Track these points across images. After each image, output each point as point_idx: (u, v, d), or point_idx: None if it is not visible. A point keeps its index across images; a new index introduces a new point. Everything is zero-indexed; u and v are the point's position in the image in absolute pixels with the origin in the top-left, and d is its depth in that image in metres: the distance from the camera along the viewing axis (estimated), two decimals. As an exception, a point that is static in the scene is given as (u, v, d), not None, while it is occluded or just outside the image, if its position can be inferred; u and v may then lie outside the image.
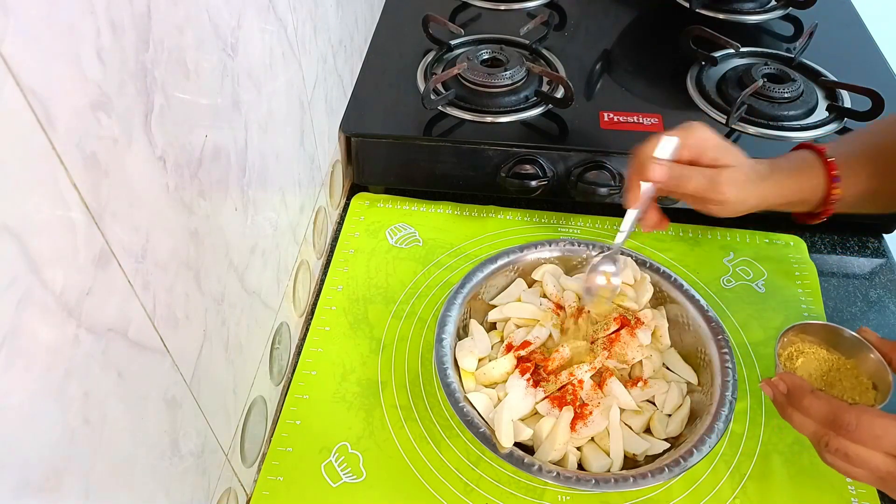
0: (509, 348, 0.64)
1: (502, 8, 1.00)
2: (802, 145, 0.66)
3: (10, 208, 0.29)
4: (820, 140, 0.80)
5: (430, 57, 0.89)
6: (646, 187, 0.60)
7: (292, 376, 0.69)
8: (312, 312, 0.74)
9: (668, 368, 0.65)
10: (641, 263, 0.70)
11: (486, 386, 0.63)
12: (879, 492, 0.60)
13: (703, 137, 0.61)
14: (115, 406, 0.38)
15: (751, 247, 0.80)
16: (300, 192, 0.69)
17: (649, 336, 0.64)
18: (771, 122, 0.81)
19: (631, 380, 0.63)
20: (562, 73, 0.87)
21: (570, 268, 0.72)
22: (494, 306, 0.70)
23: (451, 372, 0.61)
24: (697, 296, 0.66)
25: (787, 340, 0.59)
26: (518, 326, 0.67)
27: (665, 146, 0.60)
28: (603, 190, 0.78)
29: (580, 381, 0.61)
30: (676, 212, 0.82)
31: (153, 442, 0.43)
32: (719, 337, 0.63)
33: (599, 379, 0.62)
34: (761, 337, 0.72)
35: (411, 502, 0.60)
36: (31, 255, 0.30)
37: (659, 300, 0.69)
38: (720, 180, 0.59)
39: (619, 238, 0.64)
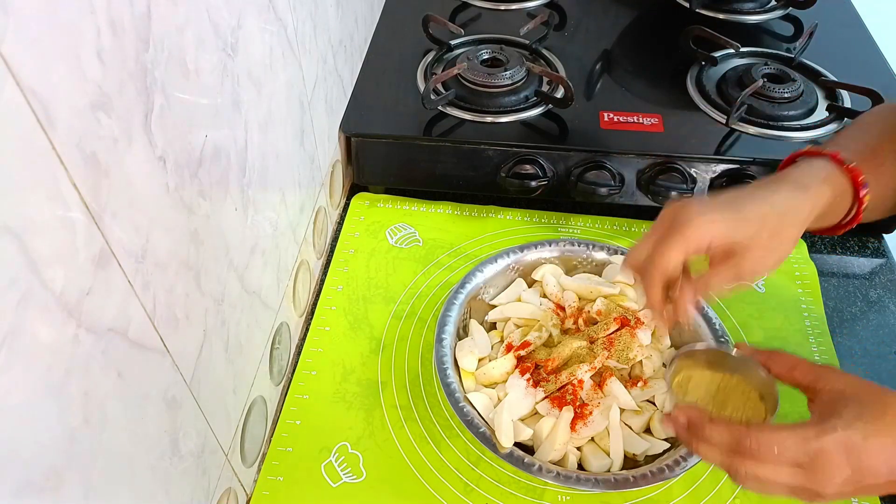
0: (509, 348, 0.64)
1: (502, 8, 0.99)
2: (801, 153, 0.59)
3: (10, 208, 0.29)
4: (821, 140, 0.80)
5: (430, 57, 0.89)
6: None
7: (292, 376, 0.69)
8: (312, 312, 0.74)
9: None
10: (641, 263, 0.69)
11: (486, 386, 0.63)
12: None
13: (706, 236, 0.53)
14: (115, 406, 0.38)
15: (751, 247, 0.80)
16: (300, 192, 0.69)
17: (649, 336, 0.64)
18: (771, 122, 0.81)
19: (631, 380, 0.63)
20: (562, 73, 0.87)
21: (570, 268, 0.72)
22: (494, 306, 0.70)
23: (451, 372, 0.61)
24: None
25: (676, 368, 0.57)
26: (518, 326, 0.67)
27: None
28: (603, 190, 0.78)
29: (580, 381, 0.61)
30: (676, 212, 0.83)
31: (153, 442, 0.43)
32: (719, 337, 0.63)
33: (599, 379, 0.62)
34: (761, 337, 0.72)
35: (411, 502, 0.60)
36: (31, 255, 0.30)
37: (659, 300, 0.69)
38: (743, 264, 0.52)
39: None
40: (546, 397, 0.61)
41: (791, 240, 0.54)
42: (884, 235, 0.83)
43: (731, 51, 0.90)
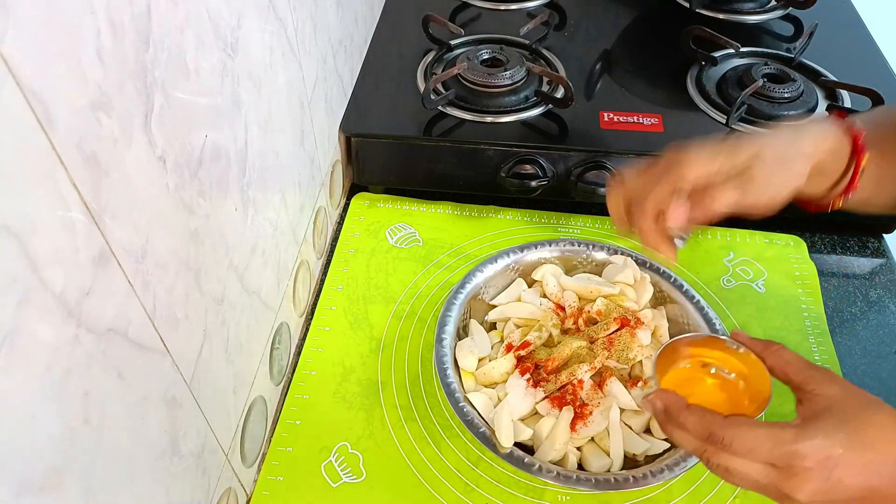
0: (509, 348, 0.64)
1: (502, 8, 0.99)
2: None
3: (10, 208, 0.29)
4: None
5: (430, 57, 0.89)
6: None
7: (292, 376, 0.69)
8: (312, 312, 0.74)
9: (668, 368, 0.65)
10: (641, 263, 0.70)
11: (486, 386, 0.63)
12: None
13: (694, 163, 0.54)
14: (115, 406, 0.38)
15: (751, 247, 0.80)
16: (300, 192, 0.69)
17: (649, 336, 0.64)
18: (771, 123, 0.81)
19: (631, 380, 0.63)
20: (562, 73, 0.87)
21: (570, 268, 0.72)
22: (494, 306, 0.70)
23: (451, 372, 0.61)
24: (697, 296, 0.67)
25: (663, 366, 0.56)
26: (518, 326, 0.67)
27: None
28: (603, 190, 0.78)
29: (580, 381, 0.61)
30: (676, 212, 0.83)
31: (153, 442, 0.43)
32: (715, 329, 0.63)
33: (599, 379, 0.62)
34: (761, 337, 0.71)
35: (411, 502, 0.60)
36: (31, 255, 0.30)
37: (659, 300, 0.69)
38: (751, 179, 0.52)
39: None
40: (546, 397, 0.61)
41: (797, 172, 0.52)
42: (884, 235, 0.83)
43: (731, 51, 0.90)
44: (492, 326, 0.69)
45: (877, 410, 0.45)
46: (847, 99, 0.84)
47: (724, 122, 0.81)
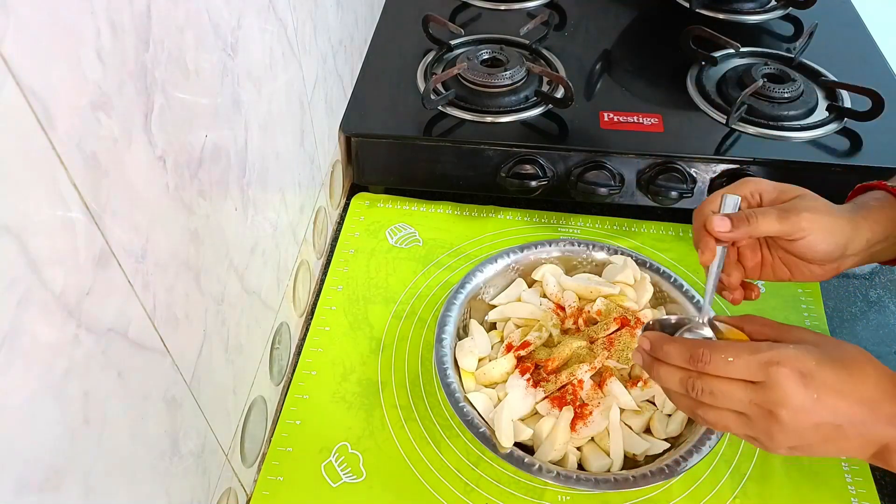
0: (509, 348, 0.64)
1: (502, 8, 1.00)
2: (861, 187, 0.60)
3: (10, 208, 0.29)
4: (821, 140, 0.80)
5: (430, 57, 0.89)
6: (719, 249, 0.55)
7: (292, 376, 0.69)
8: (312, 312, 0.74)
9: (668, 368, 0.65)
10: (641, 263, 0.70)
11: (486, 386, 0.63)
12: (879, 492, 0.61)
13: (757, 184, 0.56)
14: (115, 406, 0.38)
15: (751, 247, 0.80)
16: (300, 192, 0.69)
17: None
18: (771, 122, 0.81)
19: (631, 380, 0.63)
20: (562, 73, 0.87)
21: (570, 268, 0.72)
22: (494, 306, 0.70)
23: (451, 372, 0.61)
24: (698, 296, 0.67)
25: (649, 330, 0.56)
26: (518, 326, 0.67)
27: (726, 205, 0.55)
28: (603, 190, 0.78)
29: (580, 381, 0.61)
30: (675, 211, 0.83)
31: (153, 442, 0.43)
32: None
33: (599, 379, 0.62)
34: (761, 337, 0.72)
35: (411, 502, 0.60)
36: (31, 255, 0.30)
37: (659, 300, 0.69)
38: (795, 205, 0.53)
39: (706, 303, 0.56)
40: (546, 397, 0.61)
41: (844, 223, 0.54)
42: (884, 235, 0.83)
43: (731, 51, 0.90)
44: (492, 326, 0.69)
45: (854, 347, 0.48)
46: (847, 99, 0.84)
47: (724, 122, 0.81)
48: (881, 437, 0.45)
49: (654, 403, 0.63)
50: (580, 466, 0.59)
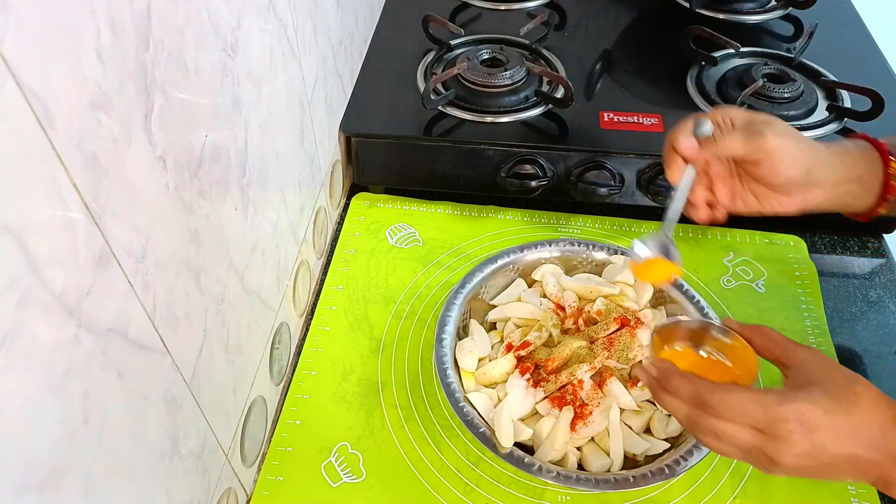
0: (509, 348, 0.64)
1: (502, 8, 0.99)
2: (848, 136, 0.63)
3: (10, 208, 0.29)
4: (821, 140, 0.80)
5: (430, 57, 0.89)
6: (688, 170, 0.58)
7: (292, 376, 0.69)
8: (312, 312, 0.74)
9: (668, 368, 0.65)
10: (641, 263, 0.70)
11: (486, 386, 0.63)
12: (879, 492, 0.61)
13: (729, 110, 0.59)
14: (115, 406, 0.38)
15: (751, 247, 0.80)
16: (300, 192, 0.69)
17: (649, 336, 0.64)
18: (771, 122, 0.81)
19: (631, 380, 0.63)
20: (562, 73, 0.87)
21: (570, 268, 0.72)
22: (494, 306, 0.70)
23: (451, 372, 0.61)
24: (697, 296, 0.67)
25: (657, 332, 0.58)
26: (518, 326, 0.67)
27: (699, 127, 0.57)
28: (603, 190, 0.78)
29: (580, 381, 0.61)
30: (676, 212, 0.83)
31: (153, 442, 0.43)
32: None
33: (599, 379, 0.62)
34: (761, 337, 0.72)
35: (411, 502, 0.60)
36: (31, 255, 0.30)
37: (659, 300, 0.69)
38: (760, 130, 0.55)
39: (669, 219, 0.59)
40: (546, 397, 0.61)
41: (811, 155, 0.56)
42: (884, 235, 0.83)
43: (731, 51, 0.90)
44: (492, 326, 0.69)
45: (858, 382, 0.47)
46: (847, 99, 0.84)
47: (724, 122, 0.81)
48: (885, 473, 0.46)
49: (654, 403, 0.63)
50: (580, 466, 0.59)
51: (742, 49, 0.89)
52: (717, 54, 0.89)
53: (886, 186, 0.59)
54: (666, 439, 0.60)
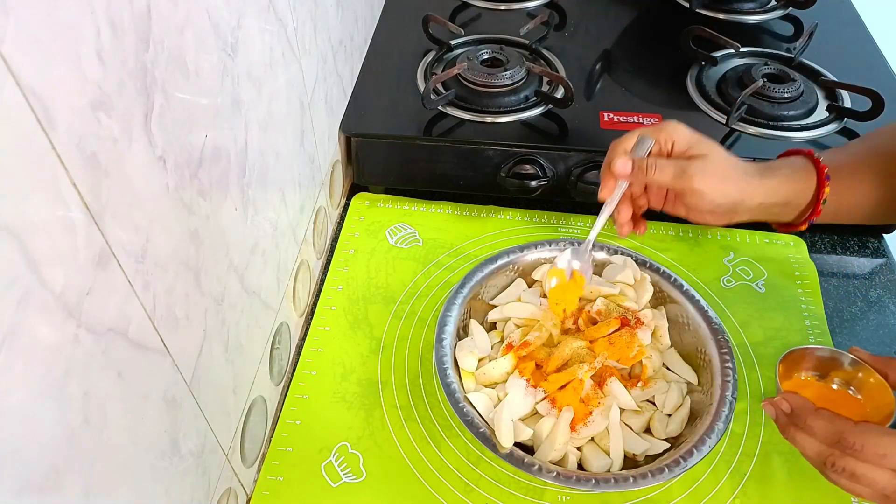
0: (509, 348, 0.64)
1: (502, 8, 1.00)
2: (791, 151, 0.66)
3: (10, 208, 0.29)
4: (820, 140, 0.80)
5: (430, 57, 0.89)
6: (619, 183, 0.61)
7: (292, 376, 0.69)
8: (312, 312, 0.74)
9: (668, 368, 0.65)
10: (641, 263, 0.70)
11: (486, 386, 0.63)
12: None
13: (674, 131, 0.61)
14: (115, 406, 0.38)
15: (751, 247, 0.80)
16: (300, 192, 0.69)
17: (649, 336, 0.64)
18: (771, 122, 0.81)
19: (631, 380, 0.63)
20: (562, 73, 0.87)
21: (570, 268, 0.72)
22: (494, 306, 0.70)
23: (451, 372, 0.61)
24: (697, 296, 0.67)
25: (785, 363, 0.58)
26: (518, 326, 0.67)
27: (639, 145, 0.61)
28: (603, 190, 0.78)
29: (580, 381, 0.60)
30: (676, 212, 0.83)
31: (153, 442, 0.43)
32: (719, 337, 0.63)
33: (599, 379, 0.62)
34: (761, 337, 0.72)
35: (411, 502, 0.60)
36: (31, 255, 0.30)
37: (659, 300, 0.69)
38: (690, 169, 0.59)
39: (592, 232, 0.65)
40: (546, 397, 0.61)
41: (738, 188, 0.60)
42: (884, 235, 0.83)
43: (731, 51, 0.90)
44: (492, 326, 0.69)
45: None
46: (847, 99, 0.84)
47: (724, 122, 0.81)
48: None
49: (654, 403, 0.63)
50: (580, 466, 0.59)
51: (742, 49, 0.89)
52: (717, 54, 0.89)
53: (814, 210, 0.62)
54: (666, 439, 0.60)
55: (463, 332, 0.67)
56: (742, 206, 0.61)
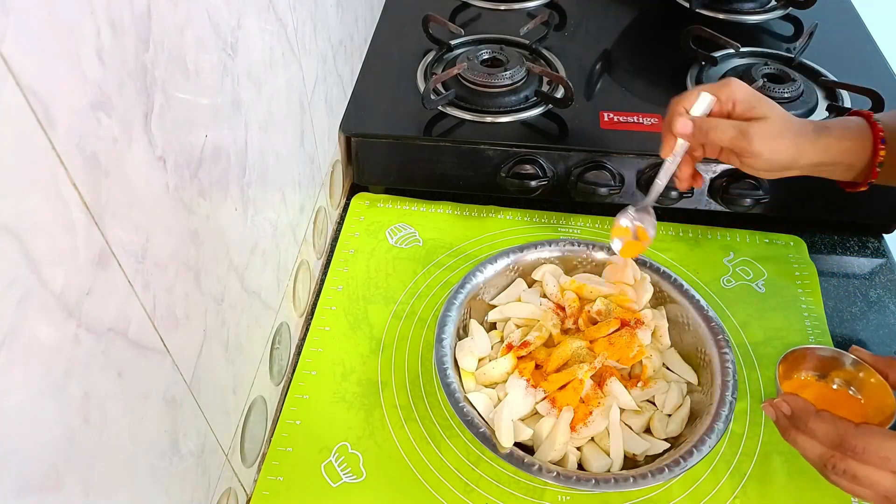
0: (509, 348, 0.64)
1: (502, 8, 0.99)
2: (853, 112, 0.64)
3: (10, 208, 0.29)
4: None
5: (430, 57, 0.89)
6: (680, 141, 0.61)
7: (292, 376, 0.69)
8: (312, 312, 0.74)
9: (668, 368, 0.65)
10: (641, 263, 0.70)
11: (486, 386, 0.63)
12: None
13: (735, 91, 0.61)
14: (115, 406, 0.38)
15: (751, 247, 0.80)
16: (300, 192, 0.69)
17: (649, 336, 0.64)
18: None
19: (631, 380, 0.63)
20: (562, 73, 0.87)
21: (570, 268, 0.72)
22: (494, 306, 0.70)
23: (451, 372, 0.61)
24: (697, 296, 0.67)
25: (785, 362, 0.58)
26: (518, 326, 0.67)
27: (700, 102, 0.61)
28: (603, 190, 0.78)
29: (580, 381, 0.60)
30: (675, 211, 0.83)
31: (153, 442, 0.43)
32: (719, 337, 0.63)
33: (599, 379, 0.62)
34: (761, 337, 0.72)
35: (411, 502, 0.60)
36: (31, 255, 0.30)
37: (659, 300, 0.69)
38: (750, 131, 0.58)
39: (655, 189, 0.65)
40: (546, 397, 0.61)
41: (794, 150, 0.59)
42: (884, 235, 0.83)
43: (731, 51, 0.90)
44: (492, 326, 0.69)
45: None
46: (847, 99, 0.84)
47: (724, 122, 0.81)
48: None
49: (654, 403, 0.63)
50: (580, 466, 0.59)
51: (742, 49, 0.89)
52: (717, 54, 0.89)
53: (871, 172, 0.61)
54: (666, 439, 0.60)
55: (463, 332, 0.67)
56: (796, 165, 0.60)
